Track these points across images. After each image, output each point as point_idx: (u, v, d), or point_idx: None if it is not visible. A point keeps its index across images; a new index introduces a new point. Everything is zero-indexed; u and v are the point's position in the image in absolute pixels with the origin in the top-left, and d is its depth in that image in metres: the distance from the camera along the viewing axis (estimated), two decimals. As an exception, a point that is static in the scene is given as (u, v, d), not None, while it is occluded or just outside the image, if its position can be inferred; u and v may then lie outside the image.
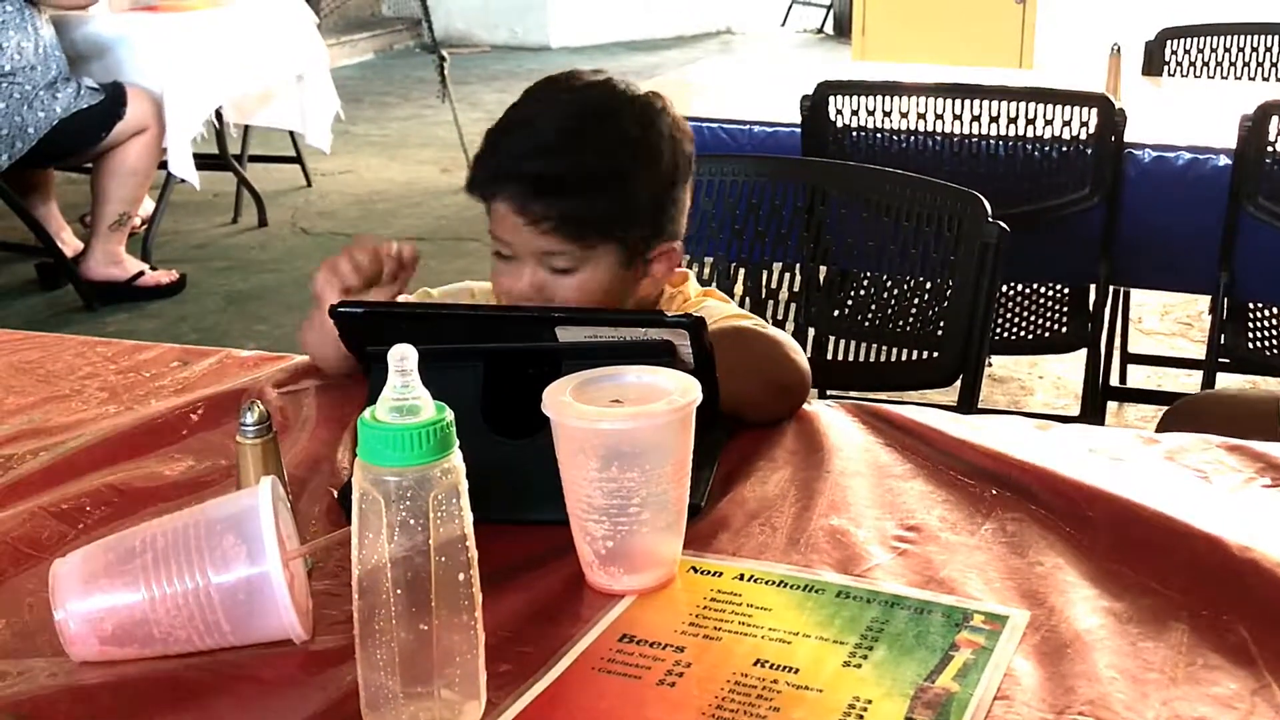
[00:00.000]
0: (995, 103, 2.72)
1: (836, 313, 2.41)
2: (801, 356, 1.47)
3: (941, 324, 2.10)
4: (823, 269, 2.28)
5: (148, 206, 4.91)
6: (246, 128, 5.39)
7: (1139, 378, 3.76)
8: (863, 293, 2.57)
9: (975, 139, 2.74)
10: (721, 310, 1.57)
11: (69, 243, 4.70)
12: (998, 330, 2.87)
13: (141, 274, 4.55)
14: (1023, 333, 2.95)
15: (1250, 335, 2.86)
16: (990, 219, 1.96)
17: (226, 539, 1.02)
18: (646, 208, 1.49)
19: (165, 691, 1.00)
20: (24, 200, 4.53)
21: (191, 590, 1.01)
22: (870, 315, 2.44)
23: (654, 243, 1.50)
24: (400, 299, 1.55)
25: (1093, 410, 3.09)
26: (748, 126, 3.00)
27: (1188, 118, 3.05)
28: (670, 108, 1.52)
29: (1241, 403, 1.97)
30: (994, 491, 1.27)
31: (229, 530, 1.02)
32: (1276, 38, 3.67)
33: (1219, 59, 3.69)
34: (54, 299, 4.58)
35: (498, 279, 1.51)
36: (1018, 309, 2.99)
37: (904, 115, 2.77)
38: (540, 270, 1.46)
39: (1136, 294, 3.65)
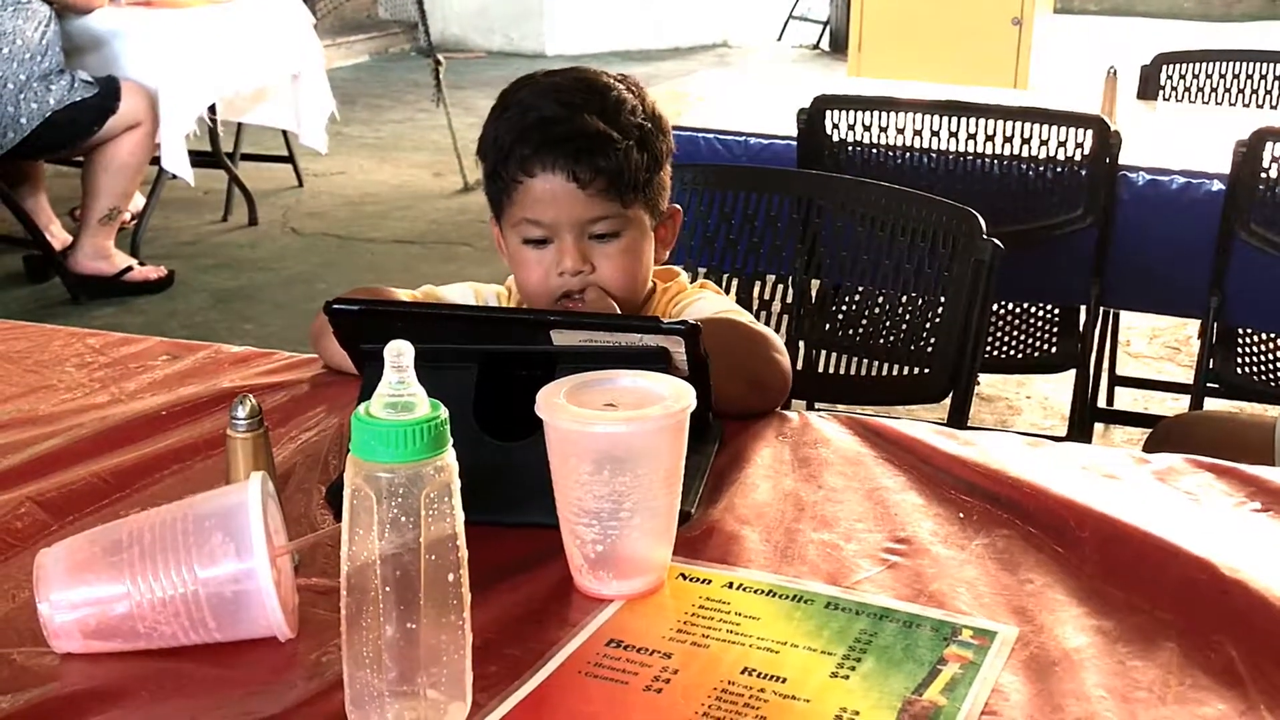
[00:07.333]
0: (991, 121, 2.73)
1: (828, 326, 2.41)
2: (785, 357, 1.47)
3: (933, 340, 2.10)
4: (815, 282, 2.28)
5: (138, 202, 4.90)
6: (239, 126, 5.38)
7: (1126, 400, 3.77)
8: (855, 307, 2.56)
9: (970, 157, 2.74)
10: (715, 304, 1.58)
11: (58, 236, 4.69)
12: (987, 349, 2.87)
13: (130, 269, 4.54)
14: (1012, 352, 2.95)
15: (1239, 361, 2.86)
16: (985, 236, 1.96)
17: (215, 536, 1.01)
18: (663, 165, 1.53)
19: (149, 685, 0.99)
20: (13, 192, 4.52)
21: (178, 587, 1.00)
22: (862, 329, 2.44)
23: (665, 203, 1.55)
24: (404, 296, 1.55)
25: (1080, 431, 3.09)
26: (743, 138, 3.01)
27: (1182, 142, 3.06)
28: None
29: (1235, 427, 1.97)
30: (985, 507, 1.26)
31: (217, 527, 1.01)
32: (1271, 65, 3.69)
33: (1214, 85, 3.71)
34: (40, 292, 4.56)
35: (531, 271, 1.50)
36: (1007, 328, 2.99)
37: (900, 131, 2.77)
38: (583, 240, 1.47)
39: (1125, 317, 3.66)
